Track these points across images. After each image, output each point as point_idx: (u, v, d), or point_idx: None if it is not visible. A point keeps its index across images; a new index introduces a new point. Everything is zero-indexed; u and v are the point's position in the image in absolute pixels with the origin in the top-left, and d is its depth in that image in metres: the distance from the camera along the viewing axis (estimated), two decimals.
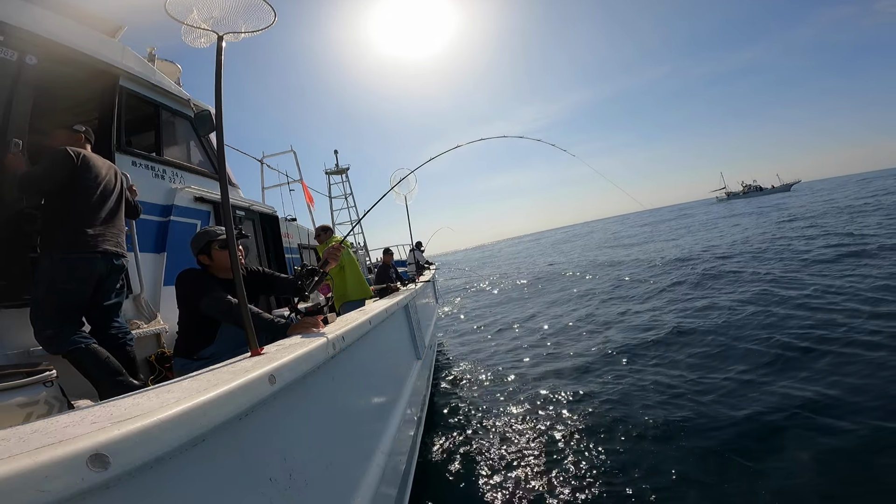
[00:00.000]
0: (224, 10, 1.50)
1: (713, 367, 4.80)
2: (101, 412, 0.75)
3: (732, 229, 20.25)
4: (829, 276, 7.65)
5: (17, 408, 1.58)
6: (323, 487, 1.27)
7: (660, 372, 4.96)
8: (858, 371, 4.01)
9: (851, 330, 4.95)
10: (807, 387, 3.90)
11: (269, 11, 1.57)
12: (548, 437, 3.95)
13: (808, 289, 7.03)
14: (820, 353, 4.56)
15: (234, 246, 1.40)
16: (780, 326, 5.55)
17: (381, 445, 1.89)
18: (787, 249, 11.26)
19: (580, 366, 5.78)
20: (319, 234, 4.92)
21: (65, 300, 2.09)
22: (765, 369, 4.46)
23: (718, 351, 5.24)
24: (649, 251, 17.78)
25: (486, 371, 6.39)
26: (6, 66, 2.25)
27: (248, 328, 1.33)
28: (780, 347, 4.87)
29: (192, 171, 3.69)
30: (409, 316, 3.62)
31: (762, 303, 6.76)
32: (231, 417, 0.88)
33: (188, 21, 1.45)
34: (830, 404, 3.55)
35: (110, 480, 0.61)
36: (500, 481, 3.33)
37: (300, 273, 2.29)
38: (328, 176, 20.40)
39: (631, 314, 8.05)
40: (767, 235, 15.14)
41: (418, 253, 10.20)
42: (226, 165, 1.45)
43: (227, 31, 1.51)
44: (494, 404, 4.98)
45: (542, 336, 7.92)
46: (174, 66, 4.06)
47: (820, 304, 6.15)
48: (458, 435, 4.29)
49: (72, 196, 2.18)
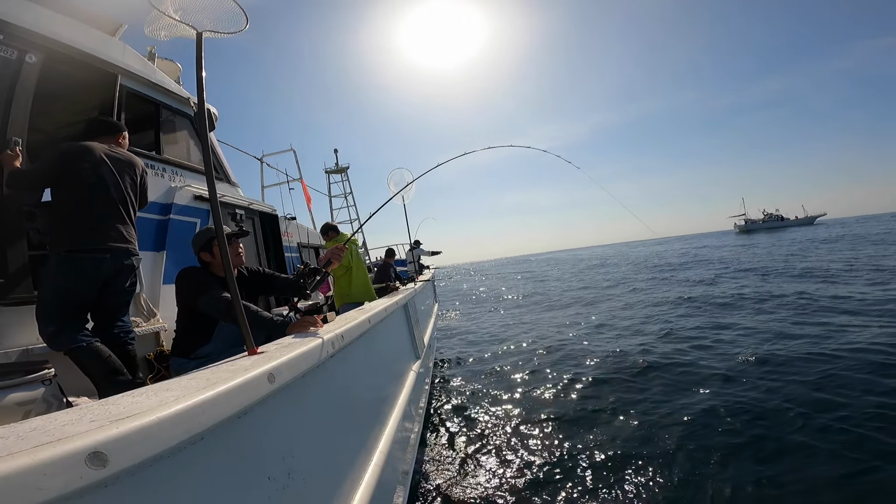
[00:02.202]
0: (197, 7, 1.46)
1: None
2: (100, 410, 0.75)
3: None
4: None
5: (16, 406, 1.58)
6: (322, 486, 1.27)
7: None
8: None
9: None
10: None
11: (241, 16, 1.54)
12: (549, 437, 3.95)
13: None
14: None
15: (225, 244, 1.40)
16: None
17: (380, 444, 1.89)
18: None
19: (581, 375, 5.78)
20: (328, 232, 4.86)
21: (68, 298, 2.08)
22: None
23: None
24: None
25: (487, 370, 6.40)
26: (6, 64, 2.24)
27: (243, 327, 1.33)
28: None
29: (192, 170, 3.68)
30: (409, 315, 3.62)
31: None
32: (230, 416, 0.88)
33: (165, 10, 1.41)
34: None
35: (109, 479, 0.61)
36: (500, 481, 3.33)
37: (302, 272, 2.29)
38: (328, 175, 20.40)
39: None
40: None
41: (418, 251, 10.10)
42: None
43: (205, 29, 1.48)
44: (496, 404, 4.98)
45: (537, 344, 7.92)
46: (174, 65, 4.05)
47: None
48: (458, 435, 4.29)
49: (73, 190, 2.13)
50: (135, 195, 2.39)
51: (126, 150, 2.46)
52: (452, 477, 3.48)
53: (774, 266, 15.42)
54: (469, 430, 4.37)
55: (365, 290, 4.53)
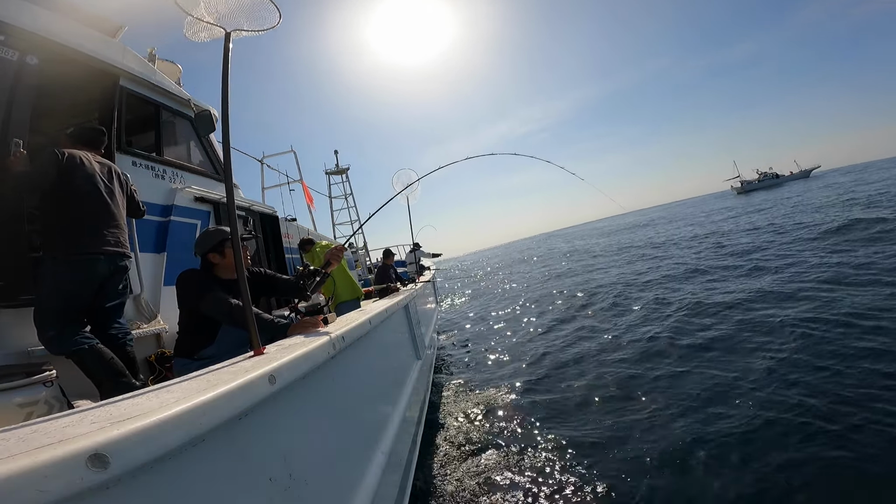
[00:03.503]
0: (229, 7, 1.50)
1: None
2: (101, 412, 0.75)
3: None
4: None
5: (17, 407, 1.58)
6: (323, 487, 1.27)
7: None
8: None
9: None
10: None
11: (273, 11, 1.57)
12: (550, 437, 3.95)
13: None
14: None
15: (240, 246, 1.40)
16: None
17: (381, 445, 1.89)
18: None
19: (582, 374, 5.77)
20: (305, 246, 5.17)
21: (67, 301, 2.09)
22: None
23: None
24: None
25: (489, 370, 6.39)
26: (6, 65, 2.25)
27: (251, 328, 1.33)
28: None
29: (193, 172, 3.69)
30: (409, 316, 3.62)
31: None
32: (231, 417, 0.88)
33: (195, 14, 1.45)
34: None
35: (110, 480, 0.61)
36: (501, 481, 3.33)
37: (302, 273, 2.30)
38: (328, 176, 20.41)
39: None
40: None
41: (419, 253, 10.23)
42: (223, 163, 1.45)
43: (234, 29, 1.51)
44: (497, 403, 4.98)
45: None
46: (174, 67, 4.06)
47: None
48: (458, 435, 4.29)
49: (67, 197, 2.17)
50: (123, 200, 2.46)
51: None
52: (454, 477, 3.47)
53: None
54: (470, 429, 4.36)
55: (350, 287, 4.70)
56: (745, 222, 18.49)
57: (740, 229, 16.16)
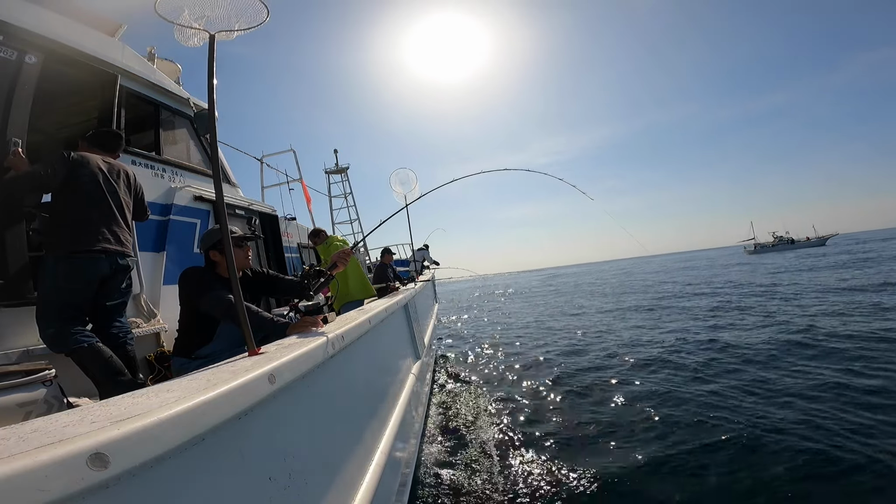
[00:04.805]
0: (216, 9, 1.49)
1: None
2: (101, 411, 0.75)
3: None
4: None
5: (17, 407, 1.58)
6: (323, 487, 1.27)
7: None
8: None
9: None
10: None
11: (261, 9, 1.56)
12: (550, 437, 3.95)
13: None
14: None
15: (230, 245, 1.40)
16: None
17: (381, 445, 1.89)
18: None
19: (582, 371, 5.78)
20: (317, 235, 5.01)
21: (68, 300, 2.10)
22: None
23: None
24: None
25: (488, 370, 6.39)
26: (6, 65, 2.25)
27: (244, 327, 1.33)
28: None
29: (192, 171, 3.68)
30: (409, 315, 3.62)
31: None
32: (231, 417, 0.88)
33: (180, 21, 1.45)
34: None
35: (110, 480, 0.61)
36: (501, 480, 3.33)
37: (307, 273, 2.29)
38: (328, 175, 20.39)
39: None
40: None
41: (426, 253, 10.43)
42: (220, 163, 1.45)
43: (220, 30, 1.50)
44: (497, 403, 4.98)
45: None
46: (174, 66, 4.05)
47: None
48: (459, 434, 4.29)
49: (71, 196, 2.18)
50: (130, 201, 2.45)
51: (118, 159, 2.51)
52: (454, 477, 3.48)
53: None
54: (470, 429, 4.36)
55: (363, 286, 4.62)
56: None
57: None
